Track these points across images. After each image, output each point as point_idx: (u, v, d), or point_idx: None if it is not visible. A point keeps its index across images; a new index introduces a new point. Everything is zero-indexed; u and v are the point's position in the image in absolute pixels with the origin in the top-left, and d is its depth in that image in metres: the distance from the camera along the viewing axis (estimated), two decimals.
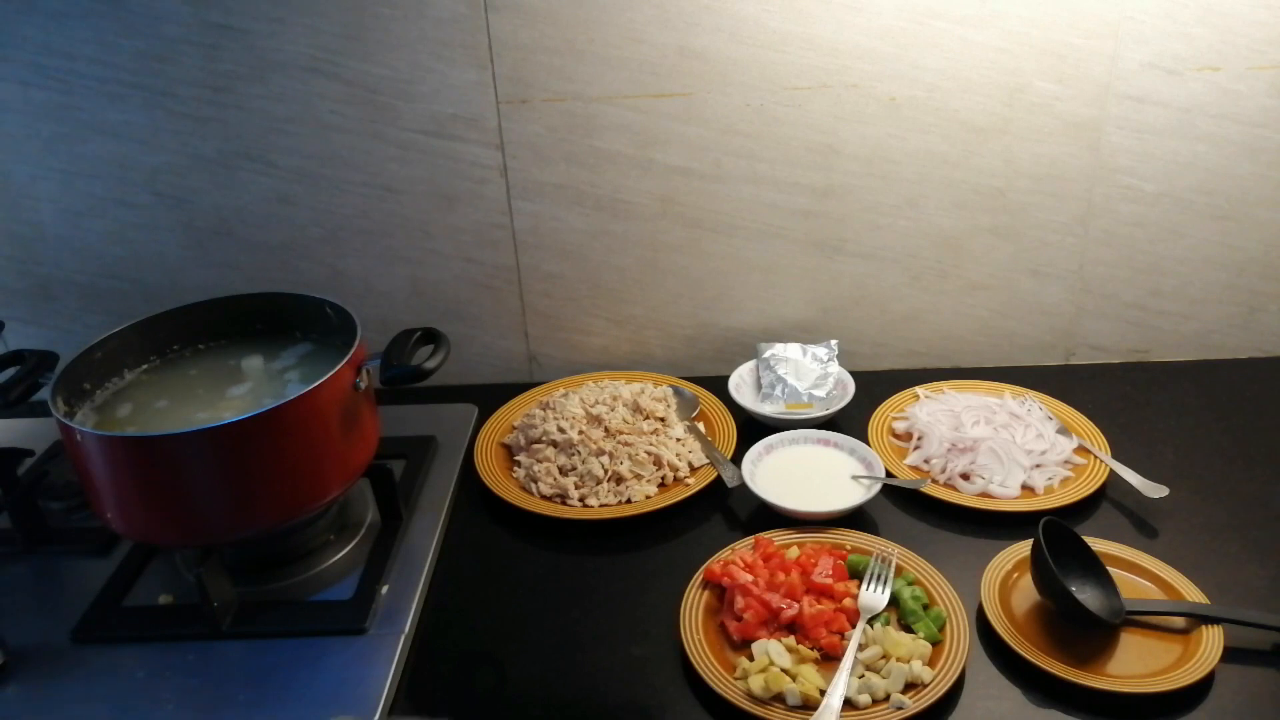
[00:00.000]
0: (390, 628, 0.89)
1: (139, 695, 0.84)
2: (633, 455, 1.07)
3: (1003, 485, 1.03)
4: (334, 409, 0.89)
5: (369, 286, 1.24)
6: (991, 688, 0.82)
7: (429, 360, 0.92)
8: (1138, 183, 1.16)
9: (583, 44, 1.10)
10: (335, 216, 1.20)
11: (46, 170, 1.18)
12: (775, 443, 1.09)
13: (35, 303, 1.27)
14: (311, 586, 0.95)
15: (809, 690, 0.79)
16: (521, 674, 0.87)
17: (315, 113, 1.14)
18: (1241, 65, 1.09)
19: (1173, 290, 1.23)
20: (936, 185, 1.17)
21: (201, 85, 1.13)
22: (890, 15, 1.07)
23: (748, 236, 1.21)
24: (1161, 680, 0.80)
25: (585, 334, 1.29)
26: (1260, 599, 0.90)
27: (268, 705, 0.83)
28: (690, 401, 1.19)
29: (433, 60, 1.11)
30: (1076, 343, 1.27)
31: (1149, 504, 1.01)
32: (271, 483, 0.88)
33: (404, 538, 1.00)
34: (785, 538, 0.97)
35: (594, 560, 0.99)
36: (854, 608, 0.88)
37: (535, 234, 1.21)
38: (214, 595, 0.88)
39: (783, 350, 1.23)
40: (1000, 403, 1.14)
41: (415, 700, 0.84)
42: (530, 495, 1.06)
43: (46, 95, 1.13)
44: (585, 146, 1.16)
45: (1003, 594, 0.89)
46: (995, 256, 1.21)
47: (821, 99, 1.12)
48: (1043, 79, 1.10)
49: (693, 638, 0.86)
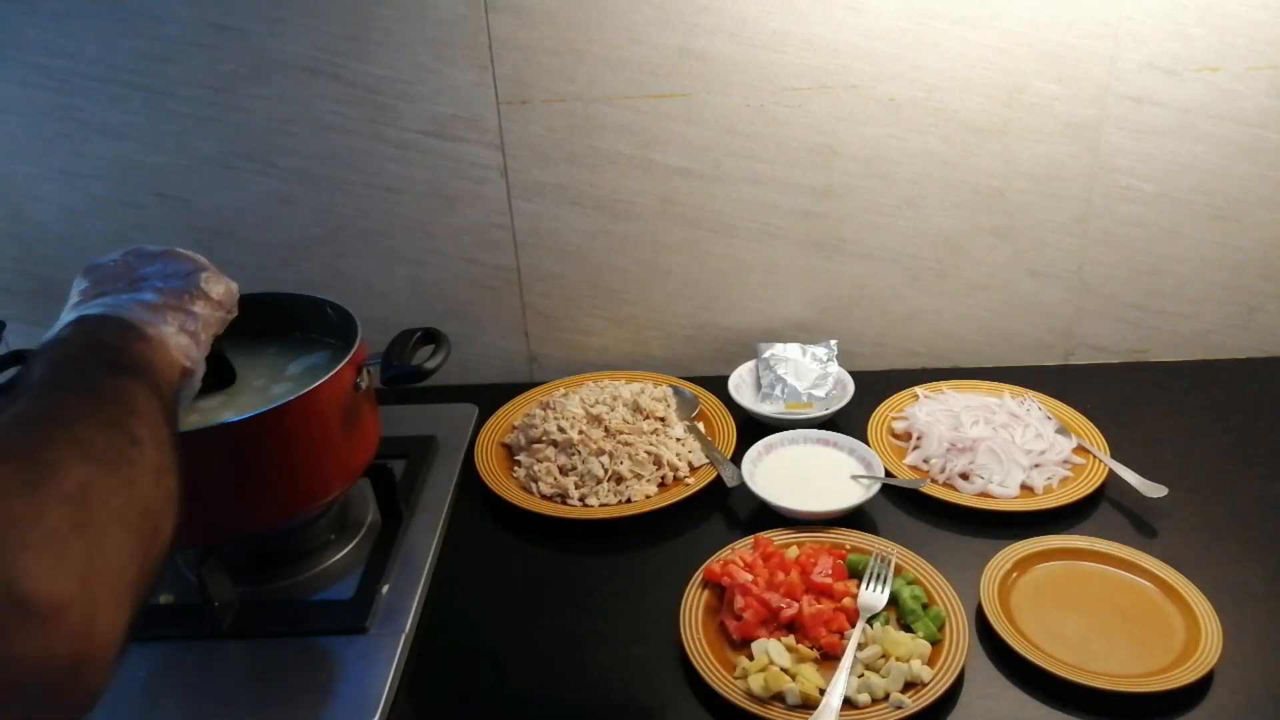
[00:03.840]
0: (390, 627, 0.89)
1: (139, 695, 0.84)
2: (633, 455, 1.07)
3: (1002, 485, 1.03)
4: (334, 409, 0.89)
5: (369, 286, 1.24)
6: (991, 687, 0.82)
7: (429, 360, 0.92)
8: (1137, 183, 1.16)
9: (583, 45, 1.10)
10: (336, 217, 1.21)
11: (47, 170, 1.18)
12: (775, 442, 1.10)
13: (36, 303, 1.27)
14: (312, 586, 0.95)
15: (808, 689, 0.79)
16: (521, 674, 0.87)
17: (316, 113, 1.14)
18: (1240, 66, 1.09)
19: (1172, 290, 1.23)
20: (936, 185, 1.17)
21: (202, 86, 1.13)
22: (890, 16, 1.08)
23: (747, 237, 1.21)
24: (1161, 680, 0.80)
25: (585, 334, 1.29)
26: (1260, 599, 0.90)
27: (268, 705, 0.83)
28: (690, 401, 1.19)
29: (433, 61, 1.11)
30: (1075, 343, 1.27)
31: (1148, 504, 1.01)
32: (272, 482, 0.88)
33: (404, 537, 1.00)
34: (785, 537, 0.97)
35: (594, 560, 1.00)
36: (853, 607, 0.88)
37: (535, 234, 1.21)
38: (214, 595, 0.88)
39: (782, 350, 1.23)
40: (999, 403, 1.14)
41: (415, 700, 0.84)
42: (530, 495, 1.06)
43: (47, 95, 1.13)
44: (585, 147, 1.16)
45: (1002, 593, 0.89)
46: (994, 257, 1.21)
47: (821, 99, 1.12)
48: (1042, 79, 1.11)
49: (692, 637, 0.86)
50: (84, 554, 0.45)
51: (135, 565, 0.49)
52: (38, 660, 0.42)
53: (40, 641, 0.42)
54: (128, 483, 0.51)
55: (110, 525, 0.48)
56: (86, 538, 0.46)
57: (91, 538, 0.46)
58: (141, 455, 0.53)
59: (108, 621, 0.46)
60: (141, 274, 0.73)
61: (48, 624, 0.42)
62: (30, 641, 0.42)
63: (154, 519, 0.52)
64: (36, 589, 0.42)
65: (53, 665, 0.43)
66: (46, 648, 0.42)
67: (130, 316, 0.67)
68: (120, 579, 0.47)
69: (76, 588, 0.44)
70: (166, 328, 0.68)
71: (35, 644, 0.42)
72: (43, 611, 0.42)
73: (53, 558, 0.43)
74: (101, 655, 0.45)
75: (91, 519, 0.47)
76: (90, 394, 0.55)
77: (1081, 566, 0.93)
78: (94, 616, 0.45)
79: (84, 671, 0.45)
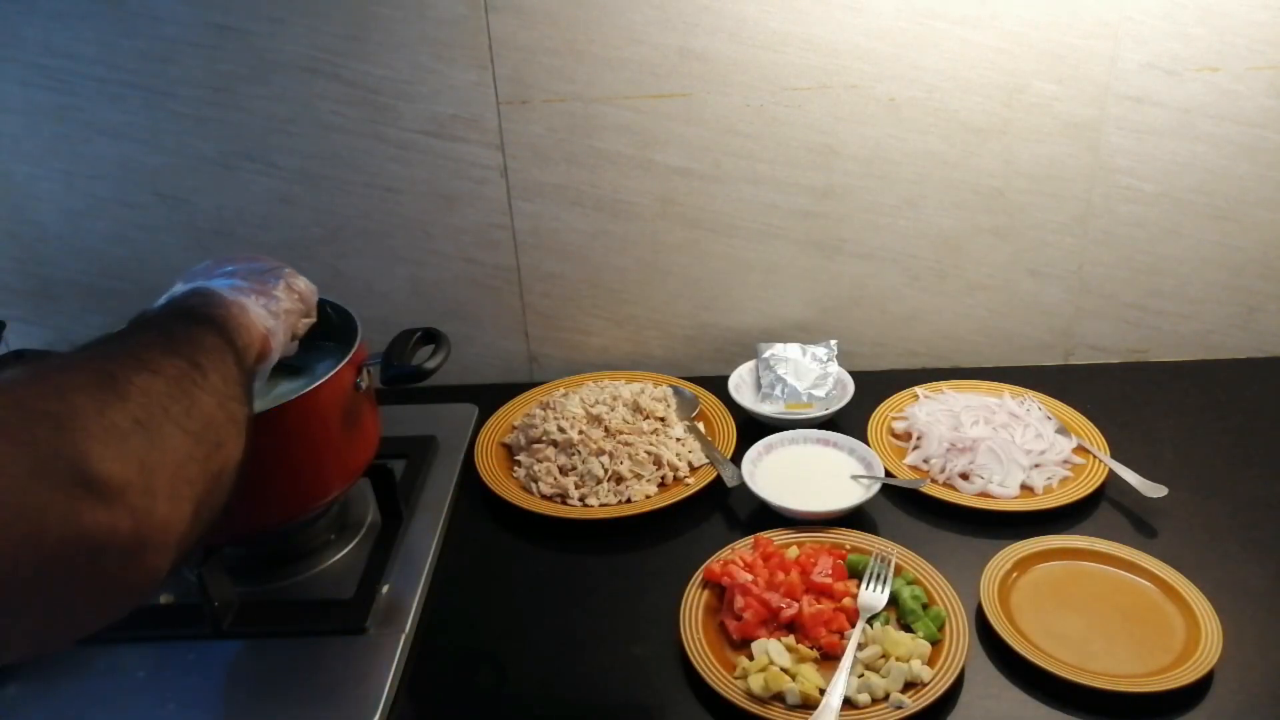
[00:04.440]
0: (390, 628, 0.89)
1: (139, 695, 0.84)
2: (633, 455, 1.07)
3: (1002, 485, 1.03)
4: (334, 409, 0.89)
5: (369, 286, 1.24)
6: (991, 687, 0.82)
7: (429, 360, 0.92)
8: (1137, 183, 1.16)
9: (583, 45, 1.10)
10: (336, 217, 1.21)
11: (48, 170, 1.18)
12: (775, 442, 1.10)
13: (37, 303, 1.27)
14: (312, 586, 0.96)
15: (808, 689, 0.79)
16: (521, 674, 0.87)
17: (316, 113, 1.14)
18: (1240, 66, 1.09)
19: (1172, 290, 1.23)
20: (936, 186, 1.17)
21: (202, 86, 1.13)
22: (890, 16, 1.08)
23: (747, 237, 1.21)
24: (1161, 680, 0.80)
25: (585, 334, 1.29)
26: (1260, 599, 0.90)
27: (268, 705, 0.83)
28: (690, 401, 1.19)
29: (433, 61, 1.11)
30: (1075, 342, 1.27)
31: (1148, 504, 1.01)
32: (272, 482, 0.88)
33: (404, 537, 1.00)
34: (785, 537, 0.97)
35: (594, 560, 1.00)
36: (853, 607, 0.88)
37: (535, 234, 1.21)
38: (215, 595, 0.88)
39: (782, 350, 1.23)
40: (999, 402, 1.14)
41: (415, 700, 0.84)
42: (530, 495, 1.07)
43: (48, 95, 1.13)
44: (585, 147, 1.16)
45: (1002, 593, 0.89)
46: (994, 257, 1.21)
47: (821, 99, 1.12)
48: (1042, 79, 1.11)
49: (693, 637, 0.86)
50: (142, 447, 0.51)
51: (195, 467, 0.54)
52: (104, 534, 0.47)
53: (105, 515, 0.47)
54: (187, 396, 0.56)
55: (168, 427, 0.53)
56: (145, 434, 0.51)
57: (150, 435, 0.52)
58: (205, 380, 0.58)
59: (166, 510, 0.51)
60: (227, 270, 0.79)
61: (111, 501, 0.48)
62: (98, 515, 0.47)
63: (216, 433, 0.58)
64: (100, 469, 0.47)
65: (117, 541, 0.48)
66: (111, 523, 0.47)
67: (213, 287, 0.73)
68: (179, 475, 0.53)
69: (135, 473, 0.49)
70: (247, 299, 0.73)
71: (102, 517, 0.47)
72: (106, 489, 0.47)
73: (114, 447, 0.49)
74: (162, 539, 0.51)
75: (151, 418, 0.52)
76: (162, 334, 0.61)
77: (1081, 566, 0.93)
78: (153, 503, 0.50)
79: (146, 551, 0.50)
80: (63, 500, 0.46)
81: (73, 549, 0.46)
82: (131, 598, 0.51)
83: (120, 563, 0.49)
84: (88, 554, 0.47)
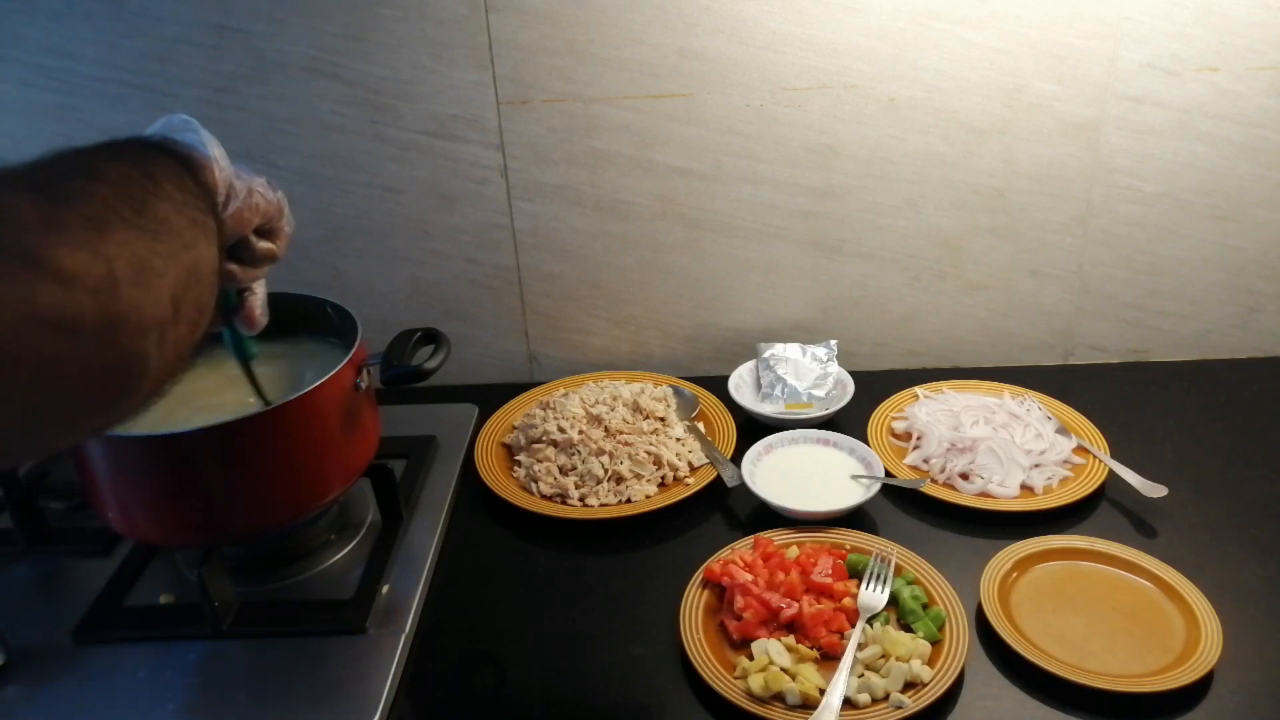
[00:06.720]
0: (390, 628, 0.89)
1: (140, 695, 0.84)
2: (633, 455, 1.07)
3: (1002, 485, 1.03)
4: (334, 409, 0.89)
5: (369, 286, 1.24)
6: (991, 687, 0.82)
7: (429, 360, 0.92)
8: (1137, 183, 1.16)
9: (583, 45, 1.10)
10: (336, 217, 1.21)
11: None
12: (775, 442, 1.10)
13: None
14: (312, 586, 0.95)
15: (808, 689, 0.79)
16: (521, 674, 0.87)
17: (316, 113, 1.14)
18: (1240, 66, 1.09)
19: (1172, 290, 1.23)
20: (936, 186, 1.17)
21: (202, 86, 1.13)
22: (890, 16, 1.08)
23: (747, 237, 1.21)
24: (1161, 680, 0.80)
25: (585, 334, 1.29)
26: (1260, 599, 0.90)
27: (268, 705, 0.83)
28: (690, 401, 1.20)
29: (433, 61, 1.11)
30: (1075, 343, 1.27)
31: (1148, 504, 1.01)
32: (272, 482, 0.88)
33: (404, 537, 1.00)
34: (785, 537, 0.97)
35: (594, 560, 1.00)
36: (853, 607, 0.88)
37: (535, 234, 1.22)
38: (215, 595, 0.88)
39: (782, 350, 1.23)
40: (999, 403, 1.14)
41: (415, 700, 0.84)
42: (530, 495, 1.07)
43: (48, 96, 1.13)
44: (585, 147, 1.16)
45: (1002, 593, 0.89)
46: (994, 257, 1.22)
47: (821, 99, 1.12)
48: (1042, 80, 1.11)
49: (692, 637, 0.86)
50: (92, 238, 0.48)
51: (160, 262, 0.51)
52: (67, 315, 0.45)
53: (64, 295, 0.45)
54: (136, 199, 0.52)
55: (118, 223, 0.50)
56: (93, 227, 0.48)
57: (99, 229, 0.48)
58: (157, 187, 0.55)
59: (132, 294, 0.48)
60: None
61: (68, 283, 0.45)
62: (56, 296, 0.44)
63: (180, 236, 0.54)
64: (49, 254, 0.45)
65: (84, 324, 0.46)
66: (71, 302, 0.45)
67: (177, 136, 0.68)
68: (142, 266, 0.49)
69: (88, 258, 0.46)
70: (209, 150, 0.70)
71: (61, 298, 0.44)
72: (59, 272, 0.45)
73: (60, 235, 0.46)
74: (135, 321, 0.48)
75: (99, 214, 0.49)
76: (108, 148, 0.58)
77: (1081, 566, 0.93)
78: (115, 286, 0.47)
79: (118, 332, 0.47)
80: (13, 283, 0.43)
81: (35, 330, 0.44)
82: (125, 386, 0.49)
83: (96, 345, 0.47)
84: (54, 335, 0.45)
